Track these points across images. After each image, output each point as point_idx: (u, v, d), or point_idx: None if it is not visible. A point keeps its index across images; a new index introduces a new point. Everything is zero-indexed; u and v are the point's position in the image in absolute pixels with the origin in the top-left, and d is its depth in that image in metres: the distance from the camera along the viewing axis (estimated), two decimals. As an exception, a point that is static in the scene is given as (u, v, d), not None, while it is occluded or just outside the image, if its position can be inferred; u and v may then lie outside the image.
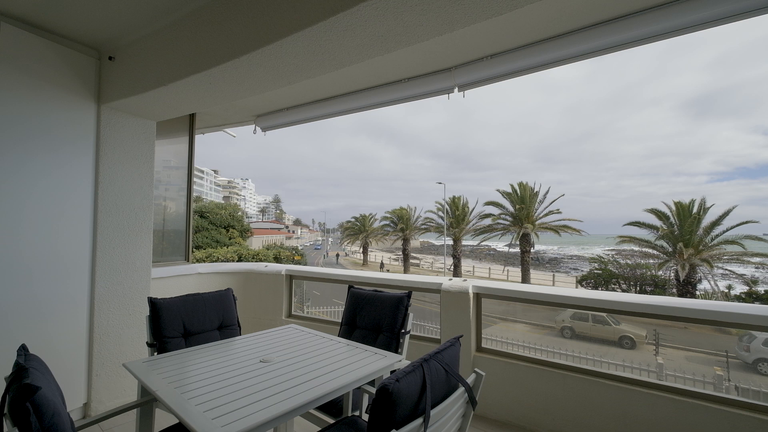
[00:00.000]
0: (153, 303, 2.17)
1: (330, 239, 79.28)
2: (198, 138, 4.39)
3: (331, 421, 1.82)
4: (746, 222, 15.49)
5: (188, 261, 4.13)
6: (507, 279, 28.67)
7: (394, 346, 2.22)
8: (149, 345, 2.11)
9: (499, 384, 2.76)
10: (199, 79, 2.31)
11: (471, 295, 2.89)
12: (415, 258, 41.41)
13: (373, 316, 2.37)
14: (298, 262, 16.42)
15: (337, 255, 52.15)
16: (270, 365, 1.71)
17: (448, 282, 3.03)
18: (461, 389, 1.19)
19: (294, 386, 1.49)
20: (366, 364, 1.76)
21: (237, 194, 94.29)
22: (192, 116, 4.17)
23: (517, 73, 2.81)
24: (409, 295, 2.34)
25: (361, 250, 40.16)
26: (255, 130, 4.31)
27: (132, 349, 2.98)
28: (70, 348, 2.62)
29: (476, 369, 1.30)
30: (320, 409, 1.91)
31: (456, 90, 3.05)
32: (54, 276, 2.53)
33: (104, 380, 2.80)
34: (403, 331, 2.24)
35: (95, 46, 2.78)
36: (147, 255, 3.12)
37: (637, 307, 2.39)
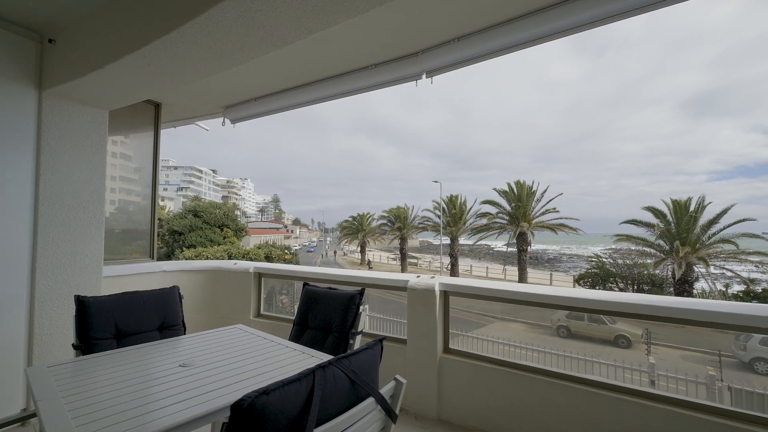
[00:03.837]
0: (80, 301, 2.00)
1: (329, 239, 79.21)
2: (195, 137, 4.38)
3: None
4: (743, 220, 15.27)
5: (153, 259, 3.96)
6: (504, 278, 28.46)
7: (342, 348, 2.04)
8: (75, 347, 1.94)
9: (466, 387, 2.58)
10: (136, 60, 2.14)
11: (437, 293, 2.71)
12: (413, 257, 41.21)
13: (323, 316, 2.20)
14: (289, 261, 16.22)
15: (335, 252, 52.01)
16: (188, 370, 1.54)
17: (414, 279, 2.85)
18: (369, 400, 1.02)
19: (203, 394, 1.32)
20: (298, 368, 1.59)
21: (236, 194, 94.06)
22: (157, 108, 4.00)
23: (487, 56, 2.67)
24: (361, 293, 2.17)
25: (359, 249, 39.99)
26: (224, 122, 4.14)
27: (79, 351, 2.80)
28: (5, 350, 2.45)
29: (396, 376, 1.13)
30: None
31: (424, 76, 2.92)
32: (-15, 273, 2.35)
33: (46, 384, 2.62)
34: (353, 331, 2.07)
35: (35, 29, 2.60)
36: (98, 251, 2.94)
37: (621, 306, 2.18)
